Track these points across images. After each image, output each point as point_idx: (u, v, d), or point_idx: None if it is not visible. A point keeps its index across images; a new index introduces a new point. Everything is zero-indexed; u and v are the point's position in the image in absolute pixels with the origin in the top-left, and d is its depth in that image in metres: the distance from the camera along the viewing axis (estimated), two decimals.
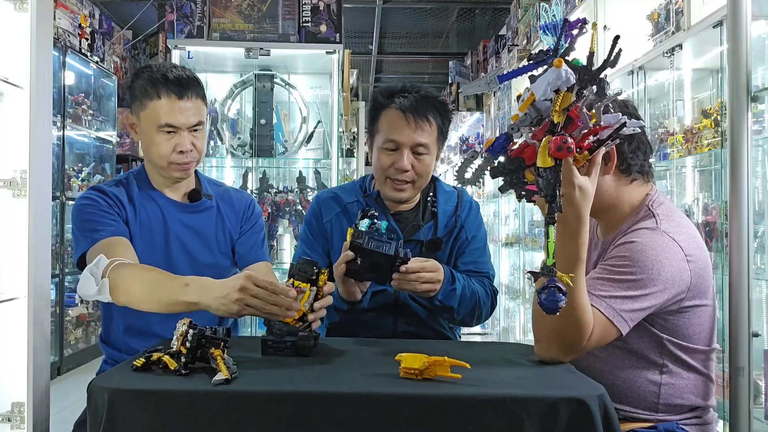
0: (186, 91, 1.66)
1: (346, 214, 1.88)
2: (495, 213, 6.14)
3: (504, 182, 1.25)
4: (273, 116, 3.57)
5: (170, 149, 1.67)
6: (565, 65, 1.14)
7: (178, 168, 1.70)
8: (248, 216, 1.87)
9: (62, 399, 3.12)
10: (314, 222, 1.91)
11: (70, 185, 4.77)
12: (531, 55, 1.22)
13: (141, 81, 1.67)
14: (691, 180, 2.86)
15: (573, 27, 1.18)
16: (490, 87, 4.49)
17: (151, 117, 1.65)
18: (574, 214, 1.24)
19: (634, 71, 2.89)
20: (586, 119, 1.15)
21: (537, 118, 1.17)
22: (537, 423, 1.08)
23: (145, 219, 1.73)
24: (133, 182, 1.77)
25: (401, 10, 6.67)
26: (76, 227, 1.67)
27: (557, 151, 1.12)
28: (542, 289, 1.14)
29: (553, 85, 1.14)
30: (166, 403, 1.10)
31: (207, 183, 1.88)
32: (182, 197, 1.79)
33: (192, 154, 1.70)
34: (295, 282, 1.39)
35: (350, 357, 1.41)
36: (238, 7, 3.46)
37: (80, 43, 5.41)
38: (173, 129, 1.66)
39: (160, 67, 1.69)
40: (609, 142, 1.22)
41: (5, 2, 1.26)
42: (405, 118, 1.75)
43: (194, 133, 1.69)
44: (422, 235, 1.85)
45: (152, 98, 1.65)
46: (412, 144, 1.75)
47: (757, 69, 2.06)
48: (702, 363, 1.44)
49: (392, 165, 1.77)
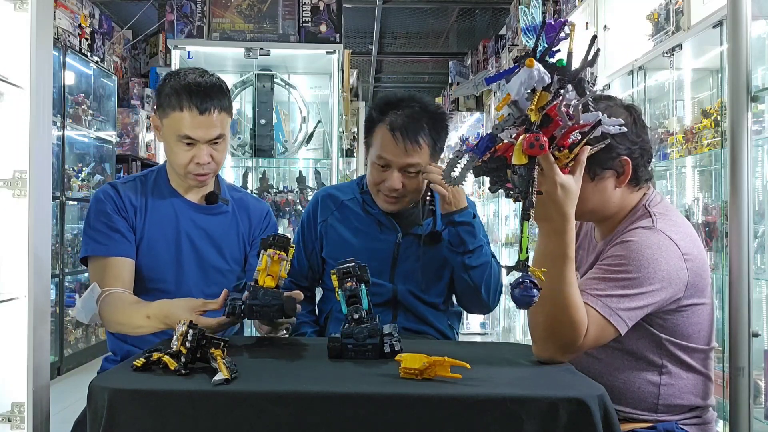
0: (208, 105, 1.66)
1: (342, 211, 1.90)
2: (495, 213, 6.14)
3: (491, 182, 1.27)
4: (273, 116, 3.57)
5: (188, 160, 1.69)
6: (538, 65, 1.15)
7: (194, 178, 1.73)
8: (264, 227, 1.88)
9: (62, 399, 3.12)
10: (307, 223, 1.95)
11: (70, 185, 4.77)
12: (516, 57, 1.23)
13: (167, 88, 1.69)
14: (691, 180, 2.86)
15: (553, 29, 1.19)
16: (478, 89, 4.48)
17: (172, 127, 1.68)
18: (558, 212, 1.25)
19: (634, 71, 2.89)
20: (564, 118, 1.17)
21: (521, 118, 1.18)
22: (537, 423, 1.08)
23: (156, 217, 1.76)
24: (151, 180, 1.80)
25: (401, 10, 6.67)
26: (87, 225, 1.73)
27: (529, 148, 1.14)
28: (516, 285, 1.15)
29: (526, 85, 1.16)
30: (166, 403, 1.10)
31: (226, 188, 1.89)
32: (199, 199, 1.81)
33: (209, 166, 1.72)
34: (277, 251, 1.42)
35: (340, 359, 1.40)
36: (238, 7, 3.46)
37: (80, 43, 5.41)
38: (192, 141, 1.68)
39: (187, 76, 1.69)
40: (597, 144, 1.24)
41: (5, 2, 1.26)
42: (395, 139, 1.74)
43: (214, 145, 1.71)
44: (421, 230, 1.86)
45: (174, 109, 1.66)
46: (401, 165, 1.76)
47: (757, 69, 2.05)
48: (701, 363, 1.44)
49: (383, 182, 1.79)
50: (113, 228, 1.70)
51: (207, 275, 1.77)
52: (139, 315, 1.56)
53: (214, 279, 1.78)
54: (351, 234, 1.87)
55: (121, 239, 1.71)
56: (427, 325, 1.86)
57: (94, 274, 1.69)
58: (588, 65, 1.20)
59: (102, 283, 1.66)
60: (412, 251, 1.85)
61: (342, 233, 1.88)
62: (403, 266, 1.84)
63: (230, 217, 1.84)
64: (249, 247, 1.85)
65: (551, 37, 1.19)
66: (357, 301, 1.40)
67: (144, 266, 1.73)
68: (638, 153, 1.44)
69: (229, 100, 1.74)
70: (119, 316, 1.61)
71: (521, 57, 1.20)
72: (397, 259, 1.84)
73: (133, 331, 1.60)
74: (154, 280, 1.73)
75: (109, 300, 1.63)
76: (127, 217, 1.73)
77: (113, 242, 1.70)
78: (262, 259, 1.43)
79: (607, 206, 1.47)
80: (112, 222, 1.71)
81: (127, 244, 1.71)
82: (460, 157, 1.21)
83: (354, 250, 1.80)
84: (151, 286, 1.73)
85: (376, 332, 1.36)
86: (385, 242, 1.85)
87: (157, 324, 1.53)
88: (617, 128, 1.25)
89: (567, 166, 1.25)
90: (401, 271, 1.84)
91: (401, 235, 1.85)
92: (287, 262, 1.45)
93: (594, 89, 1.24)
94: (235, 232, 1.83)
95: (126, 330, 1.63)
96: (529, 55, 1.19)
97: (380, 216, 1.87)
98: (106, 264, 1.68)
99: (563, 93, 1.17)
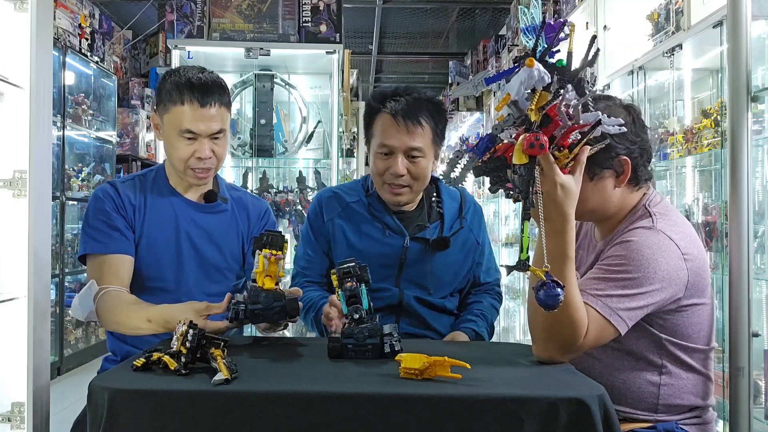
0: (209, 99, 1.68)
1: (348, 214, 1.86)
2: (495, 213, 6.14)
3: (491, 182, 1.27)
4: (273, 116, 3.57)
5: (189, 154, 1.70)
6: (537, 64, 1.15)
7: (194, 174, 1.73)
8: (262, 225, 1.88)
9: (62, 399, 3.12)
10: (316, 221, 1.90)
11: (70, 185, 4.77)
12: (516, 57, 1.23)
13: (168, 84, 1.70)
14: (691, 180, 2.86)
15: (553, 29, 1.19)
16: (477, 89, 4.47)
17: (174, 122, 1.69)
18: (558, 212, 1.25)
19: (634, 71, 2.89)
20: (564, 118, 1.17)
21: (520, 118, 1.19)
22: (537, 423, 1.08)
23: (156, 216, 1.76)
24: (150, 179, 1.81)
25: (401, 10, 6.67)
26: (86, 223, 1.73)
27: (529, 148, 1.15)
28: (540, 286, 1.15)
29: (526, 85, 1.16)
30: (166, 403, 1.10)
31: (225, 187, 1.89)
32: (198, 198, 1.82)
33: (210, 161, 1.72)
34: (273, 251, 1.41)
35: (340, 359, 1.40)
36: (238, 7, 3.46)
37: (80, 43, 5.41)
38: (194, 135, 1.68)
39: (187, 72, 1.72)
40: (596, 144, 1.24)
41: (5, 2, 1.26)
42: (396, 122, 1.74)
43: (215, 140, 1.72)
44: (428, 234, 1.84)
45: (176, 103, 1.68)
46: (405, 148, 1.75)
47: (757, 69, 2.05)
48: (701, 363, 1.44)
49: (387, 170, 1.77)
50: (112, 226, 1.70)
51: (207, 274, 1.77)
52: (138, 317, 1.56)
53: (214, 277, 1.78)
54: (357, 237, 1.84)
55: (120, 237, 1.71)
56: (431, 329, 1.84)
57: (93, 271, 1.69)
58: (588, 65, 1.20)
59: (100, 280, 1.65)
60: (419, 256, 1.83)
61: (348, 236, 1.85)
62: (410, 271, 1.82)
63: (229, 215, 1.84)
64: (248, 245, 1.85)
65: (551, 38, 1.20)
66: (357, 301, 1.40)
67: (143, 265, 1.73)
68: (637, 153, 1.44)
69: (229, 97, 1.75)
70: (116, 316, 1.60)
71: (521, 57, 1.20)
72: (404, 263, 1.82)
73: (130, 331, 1.60)
74: (153, 279, 1.73)
75: (107, 298, 1.62)
76: (126, 216, 1.73)
77: (112, 240, 1.70)
78: (258, 260, 1.42)
79: (607, 206, 1.47)
80: (111, 220, 1.71)
81: (126, 241, 1.71)
82: (459, 157, 1.21)
83: (360, 254, 1.77)
84: (150, 284, 1.73)
85: (376, 332, 1.36)
86: (392, 246, 1.82)
87: (156, 328, 1.53)
88: (617, 128, 1.25)
89: (567, 166, 1.26)
90: (407, 276, 1.82)
91: (408, 239, 1.83)
92: (283, 260, 1.44)
93: (594, 89, 1.24)
94: (235, 230, 1.83)
95: (122, 330, 1.62)
96: (529, 55, 1.20)
97: (387, 219, 1.84)
98: (105, 261, 1.68)
99: (563, 93, 1.17)
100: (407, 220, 1.86)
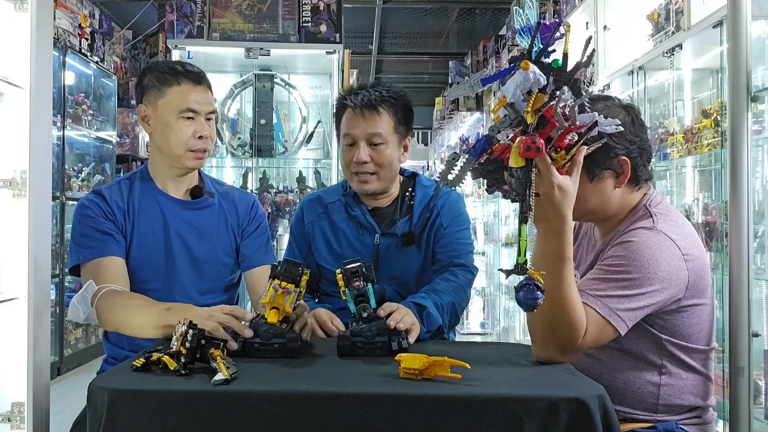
0: (201, 80, 1.75)
1: (328, 214, 1.93)
2: (495, 213, 6.14)
3: (488, 184, 1.28)
4: (273, 116, 3.57)
5: (190, 134, 1.72)
6: (533, 67, 1.16)
7: (194, 156, 1.74)
8: (251, 217, 1.88)
9: (62, 399, 3.12)
10: (296, 226, 1.98)
11: (70, 185, 4.77)
12: (512, 58, 1.23)
13: (156, 73, 1.74)
14: (691, 180, 2.86)
15: (548, 29, 1.20)
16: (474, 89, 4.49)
17: (171, 103, 1.71)
18: (556, 213, 1.25)
19: (634, 71, 2.89)
20: (561, 119, 1.17)
21: (517, 120, 1.19)
22: (537, 423, 1.08)
23: (145, 218, 1.75)
24: (136, 181, 1.80)
25: (401, 10, 6.67)
26: (74, 234, 1.72)
27: (526, 151, 1.15)
28: (520, 287, 1.17)
29: (522, 87, 1.17)
30: (166, 403, 1.10)
31: (210, 181, 1.89)
32: (184, 194, 1.81)
33: (209, 141, 1.76)
34: (282, 283, 1.38)
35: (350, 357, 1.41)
36: (238, 7, 3.46)
37: (80, 43, 5.40)
38: (193, 114, 1.72)
39: (168, 62, 1.79)
40: (593, 143, 1.24)
41: (5, 2, 1.26)
42: (356, 113, 1.82)
43: (208, 122, 1.76)
44: (398, 229, 1.87)
45: (171, 85, 1.71)
46: (365, 136, 1.81)
47: (757, 69, 2.05)
48: (701, 363, 1.44)
49: (352, 159, 1.83)
50: (102, 231, 1.69)
51: (200, 270, 1.77)
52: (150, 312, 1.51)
53: (208, 274, 1.78)
54: (334, 237, 1.91)
55: (112, 241, 1.69)
56: None
57: (88, 277, 1.65)
58: (583, 66, 1.20)
59: (97, 283, 1.62)
60: (391, 251, 1.86)
61: (327, 236, 1.91)
62: (386, 266, 1.86)
63: (217, 209, 1.84)
64: (239, 238, 1.85)
65: (546, 38, 1.19)
66: (365, 299, 1.43)
67: (136, 267, 1.72)
68: (637, 152, 1.44)
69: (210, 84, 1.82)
70: (119, 315, 1.57)
71: (516, 58, 1.20)
72: (378, 260, 1.85)
73: (132, 331, 1.56)
74: (146, 280, 1.72)
75: (108, 298, 1.59)
76: (116, 221, 1.72)
77: (104, 244, 1.68)
78: (268, 289, 1.38)
79: (607, 206, 1.47)
80: (99, 225, 1.69)
81: (118, 245, 1.70)
82: (456, 159, 1.21)
83: (338, 253, 1.86)
84: (143, 286, 1.71)
85: (385, 330, 1.39)
86: (365, 244, 1.87)
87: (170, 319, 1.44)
88: (614, 128, 1.25)
89: (564, 167, 1.25)
90: (385, 272, 1.85)
91: (379, 236, 1.86)
92: (295, 294, 1.39)
93: (590, 90, 1.24)
94: (224, 224, 1.83)
95: (125, 329, 1.58)
96: (524, 56, 1.20)
97: (360, 217, 1.89)
98: (100, 265, 1.66)
99: (559, 94, 1.17)
100: (381, 216, 1.90)
